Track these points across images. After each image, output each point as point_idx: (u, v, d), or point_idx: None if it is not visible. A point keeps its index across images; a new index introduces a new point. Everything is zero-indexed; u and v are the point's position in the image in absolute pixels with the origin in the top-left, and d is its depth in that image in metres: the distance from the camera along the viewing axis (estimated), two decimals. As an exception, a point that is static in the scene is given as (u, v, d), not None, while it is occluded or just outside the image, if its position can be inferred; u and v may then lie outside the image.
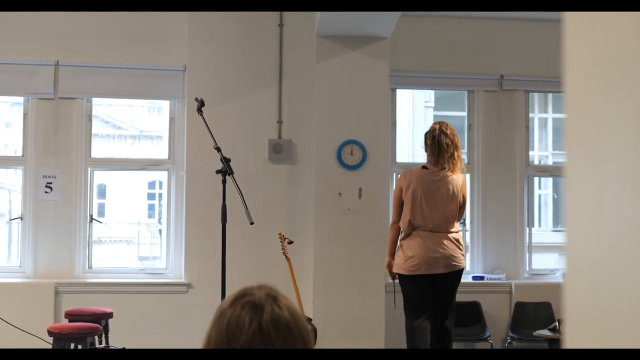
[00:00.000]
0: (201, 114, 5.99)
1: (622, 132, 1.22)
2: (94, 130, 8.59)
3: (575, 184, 1.31)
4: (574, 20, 1.31)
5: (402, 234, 6.55)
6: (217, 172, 5.80)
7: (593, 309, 1.27)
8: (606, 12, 1.23)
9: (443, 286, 6.51)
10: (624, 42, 1.22)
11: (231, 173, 5.72)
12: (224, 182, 5.76)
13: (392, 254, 6.61)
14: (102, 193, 14.06)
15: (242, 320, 1.86)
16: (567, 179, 1.32)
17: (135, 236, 14.13)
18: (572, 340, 1.32)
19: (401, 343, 8.02)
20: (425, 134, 6.63)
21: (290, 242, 6.99)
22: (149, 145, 15.11)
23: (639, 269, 1.18)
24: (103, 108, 10.83)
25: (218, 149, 5.81)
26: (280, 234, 7.00)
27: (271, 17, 8.36)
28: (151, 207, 15.22)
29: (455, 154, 6.49)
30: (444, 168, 6.50)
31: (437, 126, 6.57)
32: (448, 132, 6.49)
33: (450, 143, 6.47)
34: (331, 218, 7.96)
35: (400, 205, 6.58)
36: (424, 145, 6.65)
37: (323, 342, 7.55)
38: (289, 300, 1.95)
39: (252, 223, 5.71)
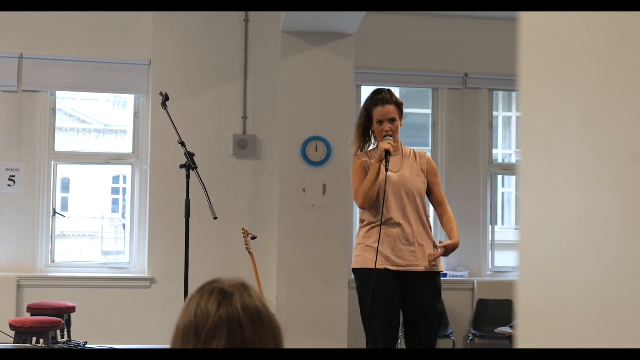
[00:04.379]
0: (165, 108, 5.97)
1: (572, 130, 1.25)
2: (58, 124, 8.54)
3: (527, 180, 1.34)
4: (528, 21, 1.34)
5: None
6: (181, 166, 5.79)
7: (545, 305, 1.30)
8: (560, 13, 1.26)
9: None
10: (575, 42, 1.25)
11: (195, 168, 5.71)
12: (187, 176, 5.75)
13: None
14: (66, 187, 13.96)
15: (211, 304, 1.86)
16: (520, 176, 1.36)
17: (99, 231, 14.04)
18: (523, 335, 1.35)
19: (363, 339, 8.05)
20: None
21: (254, 238, 6.98)
22: (113, 140, 15.02)
23: (589, 265, 1.21)
24: (67, 101, 10.75)
25: (182, 144, 5.80)
26: (243, 229, 6.99)
27: (237, 12, 8.35)
28: (115, 202, 15.12)
29: None
30: None
31: None
32: None
33: None
34: (295, 214, 7.97)
35: None
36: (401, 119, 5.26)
37: (286, 338, 7.55)
38: (259, 292, 1.96)
39: (215, 218, 5.71)
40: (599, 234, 1.17)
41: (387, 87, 5.30)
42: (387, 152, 5.02)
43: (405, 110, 5.32)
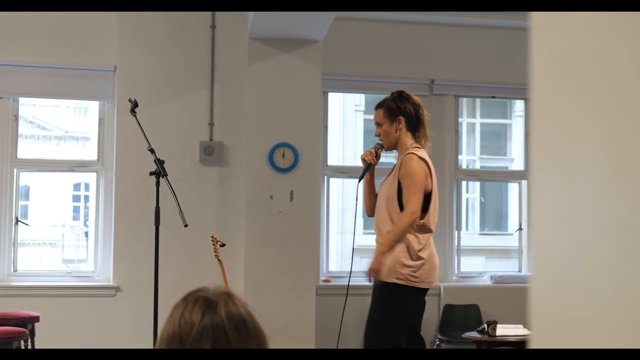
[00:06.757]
0: (134, 115, 5.91)
1: (593, 137, 1.22)
2: (19, 131, 8.42)
3: (541, 187, 1.32)
4: (540, 24, 1.32)
5: (418, 236, 5.18)
6: (151, 173, 5.74)
7: (559, 312, 1.28)
8: (573, 16, 1.23)
9: None
10: (590, 45, 1.22)
11: (165, 175, 5.66)
12: (157, 184, 5.70)
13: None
14: (25, 194, 13.79)
15: (195, 313, 1.84)
16: (533, 183, 1.33)
17: (60, 239, 13.89)
18: (538, 342, 1.33)
19: (331, 345, 8.04)
20: (401, 105, 5.24)
21: (223, 245, 6.93)
22: (74, 147, 14.87)
23: (604, 271, 1.19)
24: (27, 108, 10.63)
25: (152, 151, 5.75)
26: (212, 237, 6.94)
27: (203, 18, 8.30)
28: (76, 210, 14.98)
29: None
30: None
31: (409, 94, 5.34)
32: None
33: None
34: (263, 221, 7.94)
35: (423, 194, 5.19)
36: (400, 122, 5.26)
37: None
38: (244, 301, 1.93)
39: (186, 225, 5.66)
40: (623, 243, 1.15)
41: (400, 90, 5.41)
42: (364, 162, 5.35)
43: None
